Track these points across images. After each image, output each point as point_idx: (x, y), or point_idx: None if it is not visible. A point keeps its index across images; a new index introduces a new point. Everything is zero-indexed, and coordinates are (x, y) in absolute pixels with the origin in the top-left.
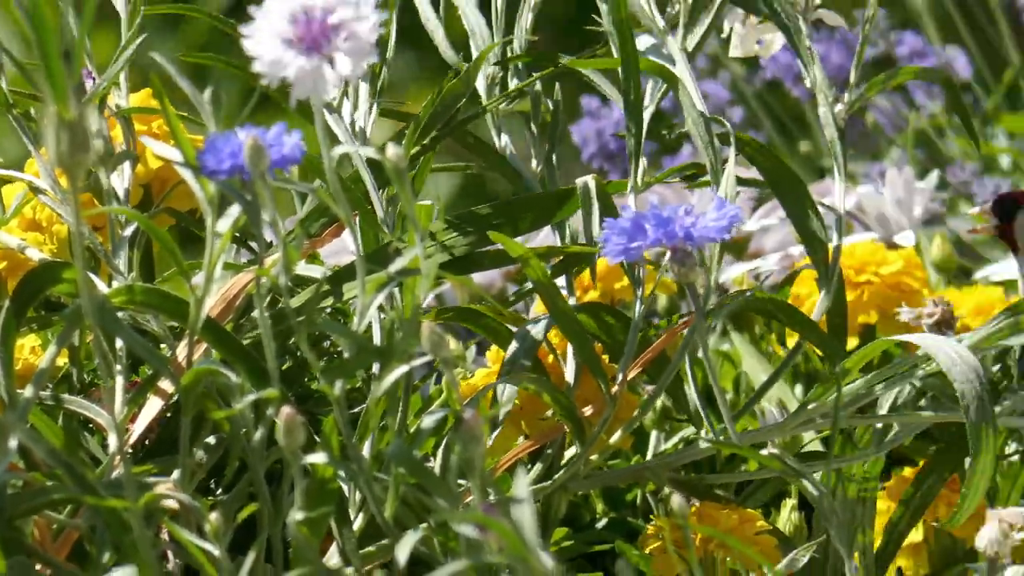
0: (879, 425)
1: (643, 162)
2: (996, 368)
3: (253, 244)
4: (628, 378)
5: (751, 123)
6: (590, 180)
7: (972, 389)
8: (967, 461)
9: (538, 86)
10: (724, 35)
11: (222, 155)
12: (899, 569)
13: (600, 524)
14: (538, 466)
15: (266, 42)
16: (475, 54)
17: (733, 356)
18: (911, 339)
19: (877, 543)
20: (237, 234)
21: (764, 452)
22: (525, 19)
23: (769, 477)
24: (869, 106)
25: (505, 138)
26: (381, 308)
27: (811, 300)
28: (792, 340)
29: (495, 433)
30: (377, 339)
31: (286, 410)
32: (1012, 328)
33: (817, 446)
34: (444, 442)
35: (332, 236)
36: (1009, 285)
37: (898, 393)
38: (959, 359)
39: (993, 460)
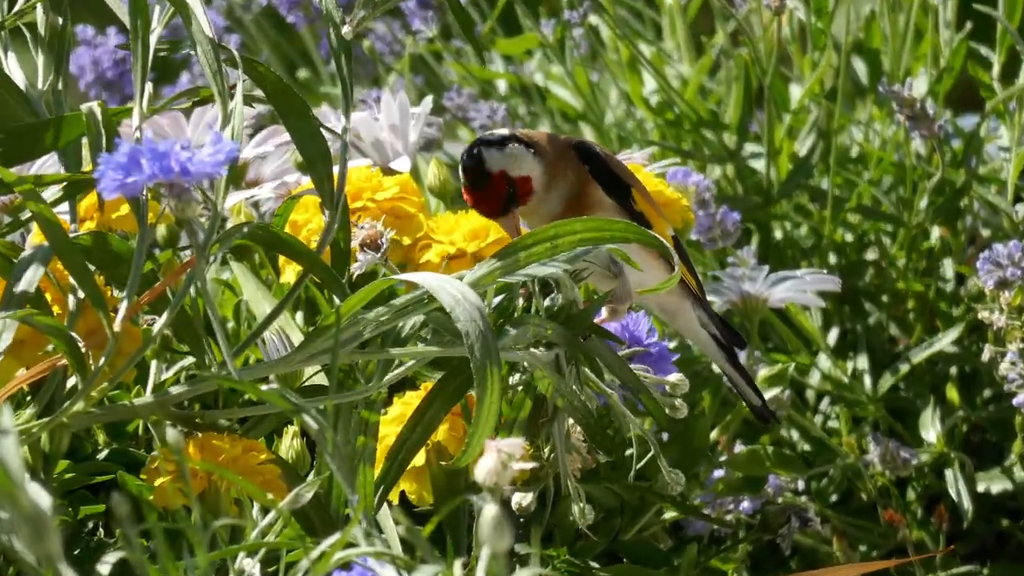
0: None
1: (149, 87)
2: (501, 297)
3: None
4: (132, 313)
5: (248, 50)
6: (95, 106)
7: (476, 328)
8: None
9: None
10: None
11: None
12: (403, 493)
13: (102, 455)
14: (41, 399)
15: None
16: None
17: (234, 284)
18: (413, 278)
19: (379, 469)
20: None
21: (266, 388)
22: None
23: (273, 412)
24: (367, 32)
25: (12, 57)
26: None
27: (309, 227)
28: (291, 266)
29: None
30: None
31: None
32: (509, 267)
33: (323, 377)
34: None
35: None
36: None
37: (402, 326)
38: (462, 298)
39: (498, 396)
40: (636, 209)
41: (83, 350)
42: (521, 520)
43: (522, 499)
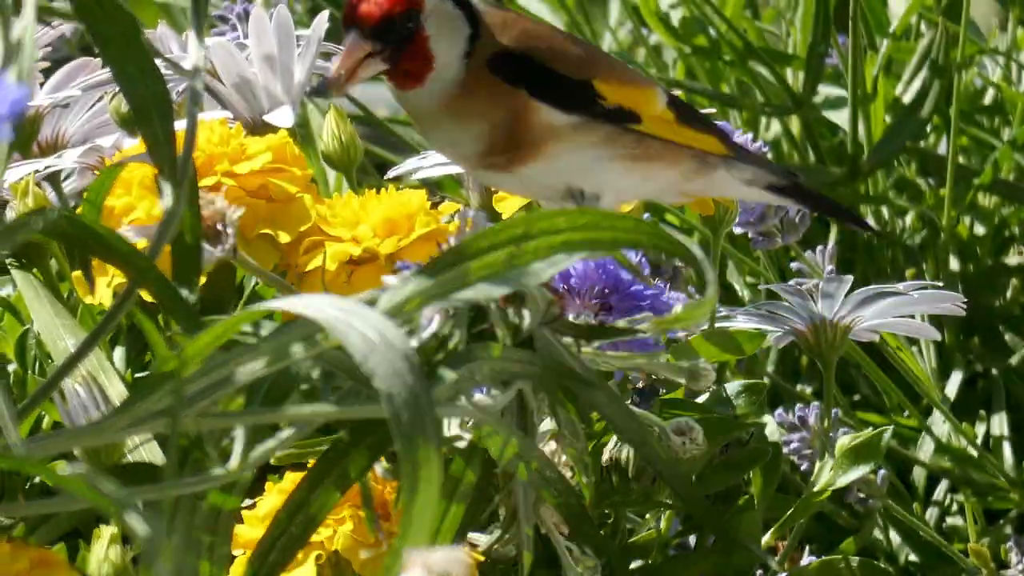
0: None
1: None
2: (438, 324)
3: None
4: None
5: None
6: None
7: (402, 386)
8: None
9: None
10: None
11: None
12: None
13: None
14: None
15: None
16: None
17: (18, 305)
18: (297, 307)
19: None
20: None
21: (67, 471)
22: None
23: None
24: None
25: None
26: None
27: (135, 215)
28: (108, 277)
29: None
30: None
31: None
32: (448, 284)
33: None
34: None
35: None
36: (449, 187)
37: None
38: (380, 341)
39: (437, 490)
40: (610, 105)
41: None
42: None
43: None
